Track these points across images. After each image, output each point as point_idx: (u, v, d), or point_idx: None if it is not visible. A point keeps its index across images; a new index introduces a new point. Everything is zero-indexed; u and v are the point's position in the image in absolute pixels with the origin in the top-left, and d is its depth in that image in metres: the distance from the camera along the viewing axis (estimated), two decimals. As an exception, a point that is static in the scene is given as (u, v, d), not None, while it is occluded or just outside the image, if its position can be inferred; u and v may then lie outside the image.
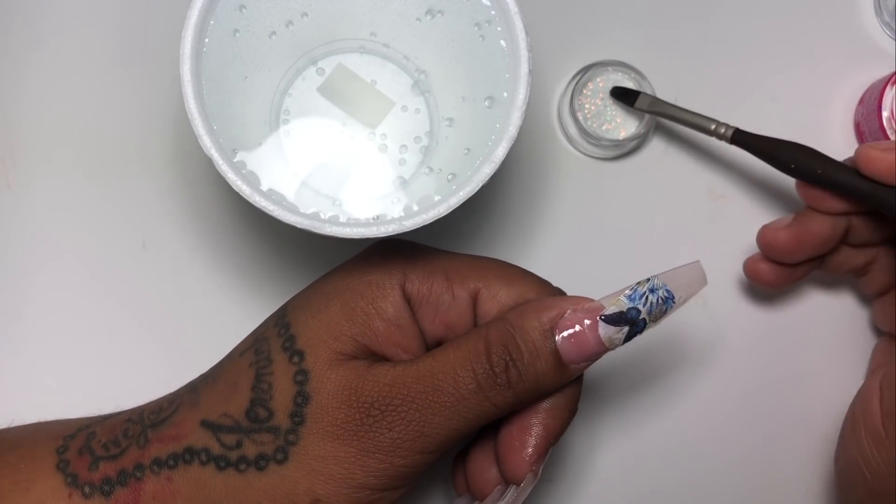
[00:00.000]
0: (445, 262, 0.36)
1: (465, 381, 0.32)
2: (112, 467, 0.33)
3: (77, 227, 0.44)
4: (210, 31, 0.35)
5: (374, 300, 0.34)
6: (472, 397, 0.32)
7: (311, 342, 0.34)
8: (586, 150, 0.45)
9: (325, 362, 0.33)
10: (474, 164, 0.35)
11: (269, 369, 0.34)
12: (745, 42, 0.46)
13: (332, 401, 0.33)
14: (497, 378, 0.32)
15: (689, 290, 0.34)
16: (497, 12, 0.36)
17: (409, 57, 0.38)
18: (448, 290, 0.35)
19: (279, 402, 0.33)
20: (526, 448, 0.34)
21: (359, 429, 0.32)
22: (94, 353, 0.43)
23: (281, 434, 0.33)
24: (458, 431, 0.33)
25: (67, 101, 0.45)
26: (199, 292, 0.44)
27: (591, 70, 0.44)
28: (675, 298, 0.34)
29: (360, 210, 0.36)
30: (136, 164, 0.44)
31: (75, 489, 0.33)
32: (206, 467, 0.33)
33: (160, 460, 0.33)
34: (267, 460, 0.32)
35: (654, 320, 0.34)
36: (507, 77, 0.36)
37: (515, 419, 0.34)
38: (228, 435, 0.33)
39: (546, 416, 0.34)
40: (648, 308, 0.33)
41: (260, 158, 0.36)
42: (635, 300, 0.33)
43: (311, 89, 0.38)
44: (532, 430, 0.34)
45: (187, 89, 0.34)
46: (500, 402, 0.33)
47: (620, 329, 0.33)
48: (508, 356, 0.33)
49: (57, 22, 0.45)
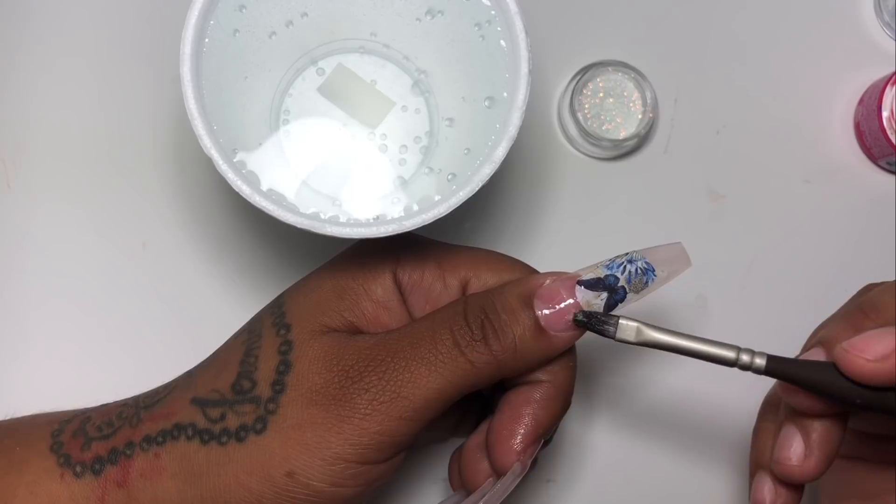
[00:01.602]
0: (438, 251, 0.36)
1: (441, 336, 0.33)
2: (104, 447, 0.34)
3: (77, 227, 0.44)
4: (210, 31, 0.35)
5: (364, 281, 0.35)
6: (449, 353, 0.32)
7: (299, 316, 0.34)
8: (586, 150, 0.45)
9: (309, 333, 0.34)
10: (474, 164, 0.35)
11: (258, 344, 0.34)
12: (745, 42, 0.46)
13: (312, 367, 0.33)
14: (473, 334, 0.33)
15: (670, 268, 0.34)
16: (497, 12, 0.36)
17: (409, 57, 0.38)
18: (440, 278, 0.36)
19: (263, 372, 0.33)
20: (515, 437, 0.34)
21: (336, 392, 0.32)
22: (94, 352, 0.43)
23: (262, 404, 0.33)
24: (438, 392, 0.32)
25: (67, 102, 0.45)
26: (199, 292, 0.44)
27: (591, 70, 0.44)
28: (657, 272, 0.34)
29: (360, 210, 0.36)
30: (136, 165, 0.44)
31: (67, 469, 0.33)
32: (192, 442, 0.33)
33: (150, 437, 0.33)
34: (247, 431, 0.33)
35: (635, 290, 0.34)
36: (507, 77, 0.36)
37: (506, 409, 0.34)
38: (214, 409, 0.33)
39: (537, 406, 0.34)
40: (627, 277, 0.34)
41: (260, 158, 0.36)
42: (613, 269, 0.34)
43: (311, 89, 0.38)
44: (522, 420, 0.34)
45: (187, 89, 0.34)
46: (478, 361, 0.32)
47: (599, 294, 0.33)
48: (484, 314, 0.33)
49: (57, 22, 0.45)
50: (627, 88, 0.44)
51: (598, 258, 0.45)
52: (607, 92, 0.44)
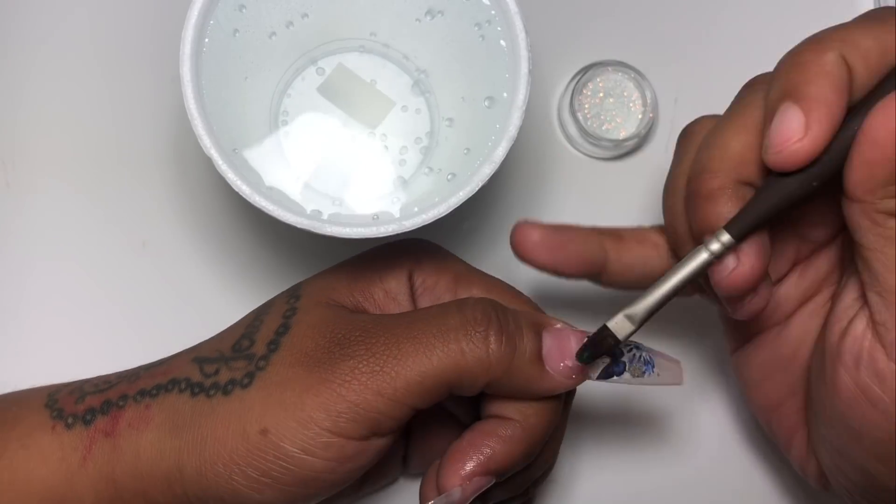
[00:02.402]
0: (458, 267, 0.37)
1: (447, 317, 0.32)
2: (97, 399, 0.34)
3: (77, 227, 0.44)
4: (210, 31, 0.35)
5: (379, 271, 0.36)
6: (446, 336, 0.32)
7: (311, 289, 0.35)
8: (586, 150, 0.45)
9: (315, 302, 0.34)
10: (474, 164, 0.35)
11: (268, 311, 0.35)
12: (745, 42, 0.46)
13: (308, 331, 0.33)
14: (477, 322, 0.32)
15: (665, 377, 0.35)
16: (497, 12, 0.36)
17: (409, 57, 0.38)
18: (452, 290, 0.36)
19: (263, 333, 0.34)
20: (465, 462, 0.33)
21: (322, 356, 0.32)
22: (94, 352, 0.43)
23: (254, 360, 0.33)
24: (420, 376, 0.31)
25: (67, 101, 0.45)
26: (199, 292, 0.44)
27: (591, 70, 0.44)
28: (655, 369, 0.34)
29: (360, 210, 0.36)
30: (136, 164, 0.44)
31: (59, 421, 0.34)
32: (183, 394, 0.33)
33: (144, 390, 0.34)
34: (234, 384, 0.33)
35: (632, 373, 0.34)
36: (506, 77, 0.36)
37: (468, 434, 0.34)
38: (211, 365, 0.34)
39: (498, 441, 0.33)
40: (631, 357, 0.34)
41: (260, 158, 0.36)
42: (621, 344, 0.33)
43: (311, 89, 0.38)
44: (478, 450, 0.33)
45: (187, 89, 0.34)
46: (470, 352, 0.32)
47: (602, 358, 0.34)
48: (495, 314, 0.33)
49: (57, 22, 0.45)
50: (627, 88, 0.44)
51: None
52: (607, 92, 0.44)
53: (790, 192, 0.31)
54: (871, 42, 0.30)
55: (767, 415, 0.38)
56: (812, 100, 0.29)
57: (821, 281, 0.36)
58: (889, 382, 0.30)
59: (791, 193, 0.31)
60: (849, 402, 0.31)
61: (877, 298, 0.31)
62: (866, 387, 0.31)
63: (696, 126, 0.36)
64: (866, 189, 0.29)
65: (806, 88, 0.30)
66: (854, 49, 0.30)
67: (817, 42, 0.31)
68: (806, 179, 0.30)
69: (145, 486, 0.33)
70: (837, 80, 0.29)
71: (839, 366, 0.32)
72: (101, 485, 0.33)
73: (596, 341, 0.33)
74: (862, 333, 0.31)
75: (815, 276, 0.36)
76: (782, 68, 0.31)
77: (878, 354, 0.31)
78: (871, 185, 0.29)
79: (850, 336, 0.32)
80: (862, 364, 0.31)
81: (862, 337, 0.31)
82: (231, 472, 0.32)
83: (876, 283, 0.30)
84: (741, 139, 0.32)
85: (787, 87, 0.30)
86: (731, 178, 0.32)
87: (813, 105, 0.29)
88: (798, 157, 0.30)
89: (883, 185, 0.29)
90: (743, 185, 0.32)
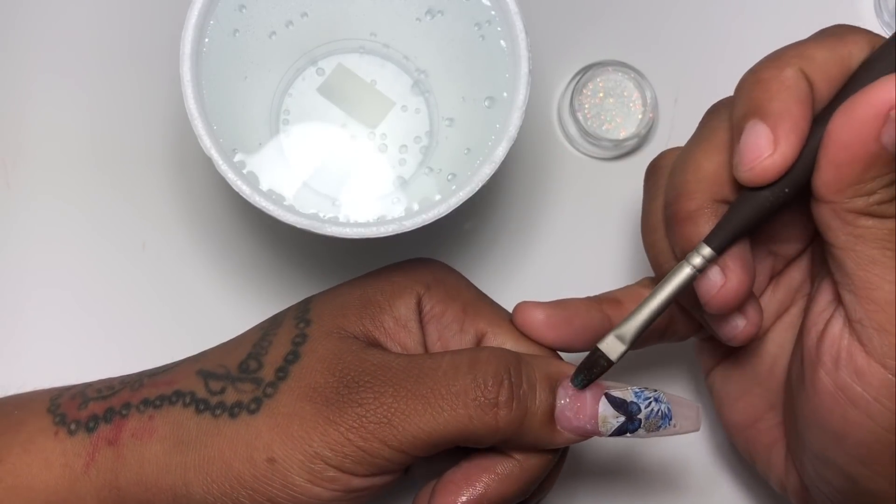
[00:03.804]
0: (468, 295, 0.36)
1: (457, 381, 0.32)
2: (101, 406, 0.34)
3: (77, 227, 0.44)
4: (210, 31, 0.35)
5: (390, 297, 0.35)
6: (454, 401, 0.32)
7: (321, 315, 0.35)
8: (586, 150, 0.45)
9: (326, 332, 0.34)
10: (474, 164, 0.35)
11: (275, 331, 0.35)
12: (745, 42, 0.46)
13: (317, 364, 0.33)
14: (487, 390, 0.32)
15: (682, 426, 0.34)
16: (497, 12, 0.36)
17: (409, 57, 0.38)
18: (459, 321, 0.35)
19: (271, 357, 0.34)
20: (458, 497, 0.33)
21: (331, 396, 0.32)
22: (93, 352, 0.43)
23: (262, 385, 0.33)
24: (426, 434, 0.32)
25: (67, 102, 0.45)
26: (199, 292, 0.44)
27: (591, 70, 0.44)
28: (672, 421, 0.34)
29: (360, 210, 0.36)
30: (135, 165, 0.44)
31: (62, 427, 0.34)
32: (187, 409, 0.33)
33: (148, 400, 0.34)
34: (241, 408, 0.33)
35: (646, 429, 0.33)
36: (507, 77, 0.36)
37: (465, 465, 0.34)
38: (217, 382, 0.34)
39: (493, 478, 0.33)
40: (648, 413, 0.33)
41: (260, 158, 0.36)
42: (640, 398, 0.33)
43: (311, 89, 0.38)
44: (472, 485, 0.33)
45: (187, 89, 0.34)
46: (479, 420, 0.32)
47: (617, 416, 0.33)
48: (508, 378, 0.32)
49: (57, 22, 0.45)
50: (627, 88, 0.44)
51: (597, 259, 0.45)
52: (607, 92, 0.44)
53: (763, 203, 0.31)
54: (828, 54, 0.31)
55: (744, 432, 0.38)
56: (777, 115, 0.30)
57: (794, 293, 0.37)
58: (868, 379, 0.30)
59: (764, 204, 0.31)
60: (830, 405, 0.31)
61: (851, 297, 0.31)
62: (846, 386, 0.31)
63: (660, 160, 0.36)
64: (835, 189, 0.30)
65: (770, 105, 0.30)
66: (812, 63, 0.31)
67: (776, 59, 0.31)
68: (778, 188, 0.31)
69: (150, 495, 0.33)
70: (799, 94, 0.30)
71: (819, 368, 0.32)
72: (104, 492, 0.33)
73: (589, 365, 0.33)
74: (839, 333, 0.31)
75: (787, 288, 0.37)
76: (744, 87, 0.32)
77: (857, 351, 0.31)
78: (840, 185, 0.29)
79: (828, 338, 0.32)
80: (841, 363, 0.31)
81: (839, 336, 0.31)
82: (238, 493, 0.32)
83: (849, 281, 0.31)
84: (713, 159, 0.32)
85: (752, 105, 0.31)
86: (708, 197, 0.32)
87: (778, 120, 0.30)
88: (769, 172, 0.30)
89: (850, 185, 0.29)
90: (719, 203, 0.32)
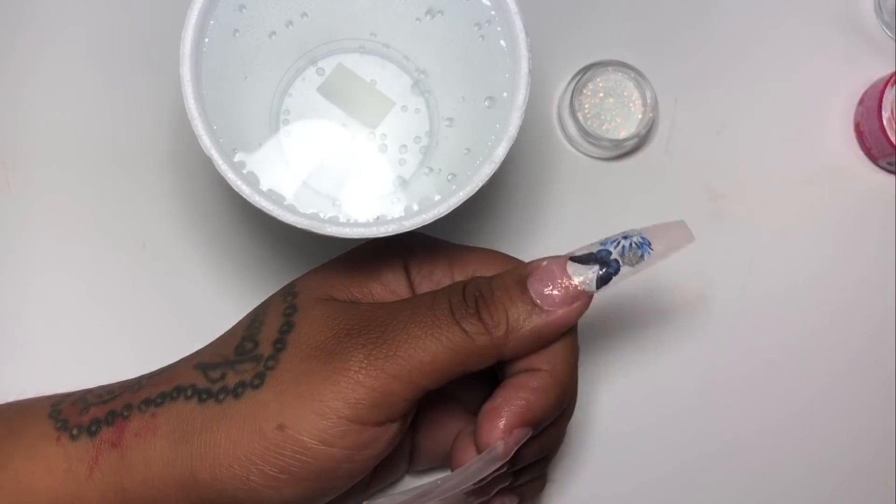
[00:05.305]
0: (450, 248, 0.37)
1: (440, 305, 0.33)
2: (102, 410, 0.34)
3: (77, 227, 0.44)
4: (210, 31, 0.35)
5: (376, 265, 0.36)
6: (446, 320, 0.33)
7: (308, 285, 0.36)
8: (586, 150, 0.45)
9: (315, 299, 0.35)
10: (474, 164, 0.35)
11: (266, 311, 0.35)
12: (745, 42, 0.46)
13: (313, 326, 0.33)
14: (467, 307, 0.33)
15: (669, 242, 0.35)
16: (497, 12, 0.36)
17: (409, 57, 0.38)
18: (448, 274, 0.36)
19: (266, 334, 0.34)
20: (502, 417, 0.33)
21: (334, 348, 0.32)
22: (93, 352, 0.43)
23: (262, 361, 0.33)
24: (433, 356, 0.32)
25: (67, 102, 0.45)
26: (198, 292, 0.44)
27: (591, 70, 0.44)
28: (653, 245, 0.34)
29: (360, 210, 0.36)
30: (135, 165, 0.44)
31: (64, 432, 0.34)
32: (190, 401, 0.33)
33: (149, 399, 0.34)
34: (245, 387, 0.33)
35: (629, 263, 0.34)
36: (507, 77, 0.36)
37: (501, 392, 0.34)
38: (216, 370, 0.34)
39: (531, 392, 0.34)
40: (620, 250, 0.34)
41: (260, 158, 0.36)
42: (607, 244, 0.34)
43: (311, 89, 0.38)
44: (514, 402, 0.34)
45: (187, 89, 0.34)
46: (472, 331, 0.33)
47: (591, 267, 0.34)
48: (479, 292, 0.34)
49: (57, 22, 0.45)
50: (627, 88, 0.44)
51: (597, 258, 0.45)
52: (607, 92, 0.44)
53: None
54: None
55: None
56: None
57: None
58: None
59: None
60: None
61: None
62: None
63: None
64: None
65: None
66: None
67: None
68: None
69: (157, 493, 0.33)
70: None
71: None
72: (109, 495, 0.33)
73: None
74: None
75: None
76: None
77: None
78: None
79: None
80: None
81: None
82: (248, 472, 0.32)
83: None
84: None
85: None
86: None
87: None
88: None
89: None
90: None
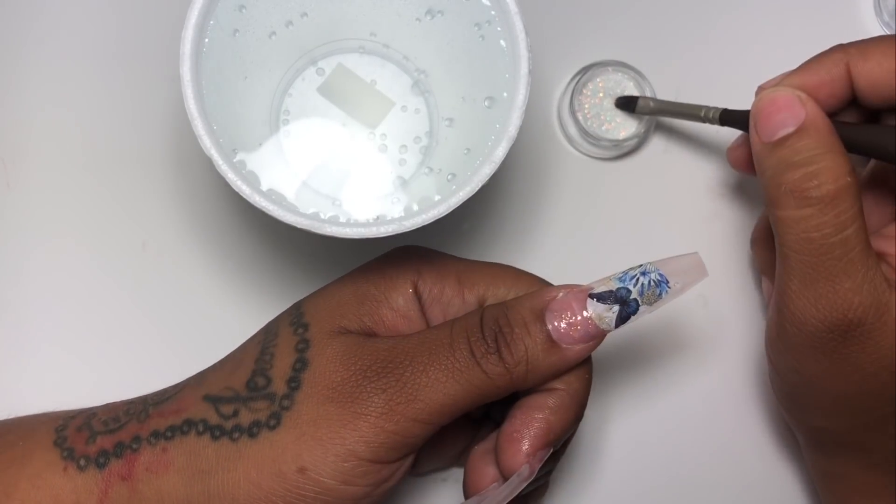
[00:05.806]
0: (459, 266, 0.37)
1: (459, 345, 0.33)
2: (109, 440, 0.34)
3: (77, 227, 0.44)
4: (210, 31, 0.35)
5: (385, 290, 0.35)
6: (466, 362, 0.33)
7: (317, 316, 0.35)
8: (586, 150, 0.45)
9: (327, 332, 0.34)
10: (474, 164, 0.35)
11: (274, 342, 0.35)
12: (745, 42, 0.46)
13: (329, 365, 0.33)
14: (487, 346, 0.33)
15: (685, 279, 0.34)
16: (497, 12, 0.36)
17: (409, 57, 0.38)
18: (459, 293, 0.36)
19: (278, 370, 0.34)
20: (524, 440, 0.34)
21: (353, 390, 0.32)
22: (94, 353, 0.43)
23: (276, 400, 0.33)
24: (453, 398, 0.33)
25: (67, 101, 0.45)
26: (199, 292, 0.44)
27: (591, 70, 0.44)
28: (670, 283, 0.34)
29: (360, 210, 0.36)
30: (135, 164, 0.44)
31: (71, 462, 0.33)
32: (202, 437, 0.33)
33: (158, 432, 0.33)
34: (260, 427, 0.33)
35: (647, 303, 0.34)
36: (506, 77, 0.36)
37: (518, 413, 0.34)
38: (227, 405, 0.33)
39: (550, 412, 0.34)
40: (640, 289, 0.34)
41: (260, 158, 0.36)
42: (625, 281, 0.34)
43: (310, 89, 0.38)
44: (533, 424, 0.34)
45: (187, 89, 0.34)
46: (492, 372, 0.33)
47: (610, 307, 0.33)
48: (498, 328, 0.33)
49: (56, 22, 0.45)
50: (627, 88, 0.44)
51: (597, 258, 0.45)
52: (607, 92, 0.44)
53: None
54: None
55: None
56: None
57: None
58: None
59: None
60: None
61: None
62: None
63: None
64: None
65: None
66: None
67: None
68: None
69: None
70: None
71: None
72: None
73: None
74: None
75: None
76: None
77: None
78: None
79: None
80: None
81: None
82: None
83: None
84: None
85: None
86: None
87: None
88: None
89: None
90: None
